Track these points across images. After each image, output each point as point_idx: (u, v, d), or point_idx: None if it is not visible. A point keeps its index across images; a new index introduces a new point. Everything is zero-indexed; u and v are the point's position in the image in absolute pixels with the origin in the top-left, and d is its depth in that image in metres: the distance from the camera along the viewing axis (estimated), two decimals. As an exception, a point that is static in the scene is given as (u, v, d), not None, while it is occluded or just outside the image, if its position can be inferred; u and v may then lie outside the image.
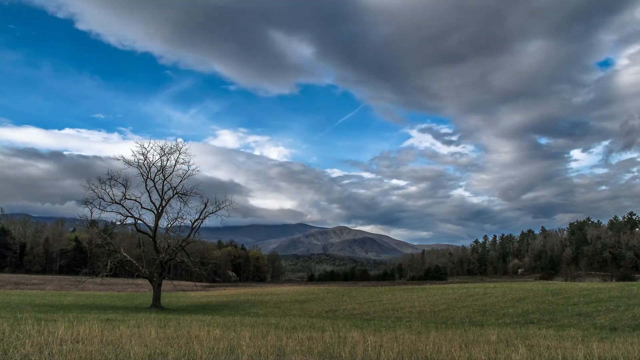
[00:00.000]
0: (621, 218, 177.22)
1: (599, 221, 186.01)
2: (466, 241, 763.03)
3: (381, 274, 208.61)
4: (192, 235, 37.95)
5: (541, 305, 28.84)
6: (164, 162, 36.73)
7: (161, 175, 36.85)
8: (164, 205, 36.89)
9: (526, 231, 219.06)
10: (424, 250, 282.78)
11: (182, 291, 77.44)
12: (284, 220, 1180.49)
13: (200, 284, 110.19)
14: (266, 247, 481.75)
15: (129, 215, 35.88)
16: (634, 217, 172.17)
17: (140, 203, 36.36)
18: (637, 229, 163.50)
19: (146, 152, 36.22)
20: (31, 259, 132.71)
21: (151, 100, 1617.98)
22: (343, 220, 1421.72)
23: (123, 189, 35.25)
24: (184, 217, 37.23)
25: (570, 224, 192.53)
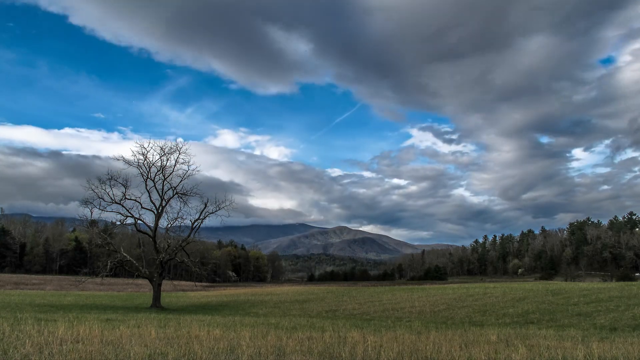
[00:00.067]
0: (621, 218, 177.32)
1: (599, 221, 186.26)
2: (467, 241, 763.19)
3: (381, 274, 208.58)
4: (192, 235, 37.95)
5: (541, 305, 28.85)
6: (164, 162, 36.78)
7: (161, 175, 36.89)
8: (164, 205, 36.91)
9: (526, 231, 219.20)
10: (424, 250, 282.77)
11: (182, 291, 77.45)
12: (284, 220, 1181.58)
13: (200, 284, 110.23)
14: (266, 247, 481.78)
15: (129, 215, 35.90)
16: (634, 217, 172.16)
17: (140, 203, 36.41)
18: (637, 229, 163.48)
19: (146, 152, 36.27)
20: (31, 259, 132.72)
21: (149, 99, 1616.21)
22: (343, 220, 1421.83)
23: (123, 189, 35.29)
24: (184, 217, 37.29)
25: (570, 224, 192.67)
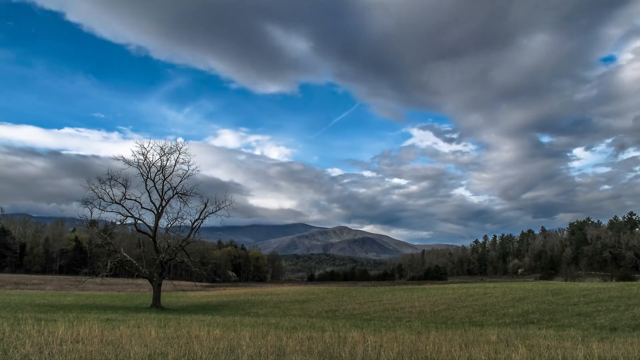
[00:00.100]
0: (621, 218, 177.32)
1: (599, 221, 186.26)
2: (467, 241, 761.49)
3: (381, 274, 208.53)
4: (192, 235, 37.93)
5: (541, 305, 28.84)
6: (164, 162, 36.76)
7: (161, 175, 36.87)
8: (164, 205, 36.90)
9: (526, 231, 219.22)
10: (424, 250, 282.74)
11: (182, 291, 77.44)
12: (284, 220, 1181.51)
13: (200, 284, 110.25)
14: (266, 247, 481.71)
15: (129, 215, 35.88)
16: (634, 217, 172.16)
17: (140, 203, 36.38)
18: (637, 229, 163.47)
19: (146, 152, 36.26)
20: (31, 259, 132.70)
21: (147, 98, 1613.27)
22: (343, 220, 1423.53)
23: (123, 189, 35.27)
24: (184, 217, 37.27)
25: (570, 224, 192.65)
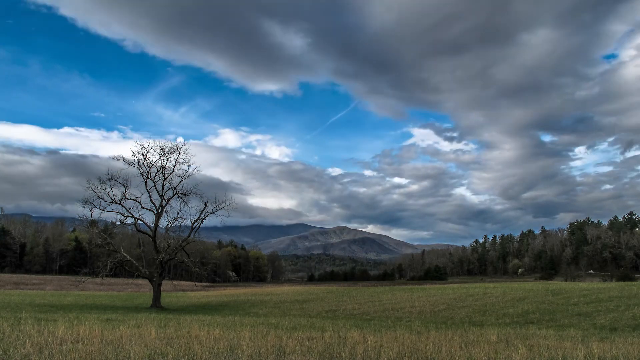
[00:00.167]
0: (621, 218, 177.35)
1: (599, 221, 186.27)
2: (467, 241, 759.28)
3: (381, 274, 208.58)
4: (192, 235, 37.94)
5: (541, 305, 28.84)
6: (164, 162, 36.77)
7: (161, 175, 36.87)
8: (164, 205, 36.90)
9: (526, 231, 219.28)
10: (424, 250, 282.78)
11: (182, 291, 77.44)
12: (284, 220, 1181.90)
13: (200, 284, 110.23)
14: (266, 247, 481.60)
15: (129, 215, 35.88)
16: (634, 217, 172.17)
17: (140, 203, 36.38)
18: (637, 229, 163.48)
19: (146, 152, 36.26)
20: (31, 259, 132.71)
21: (144, 97, 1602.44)
22: (343, 220, 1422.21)
23: (123, 188, 35.28)
24: (184, 217, 37.27)
25: (570, 224, 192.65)
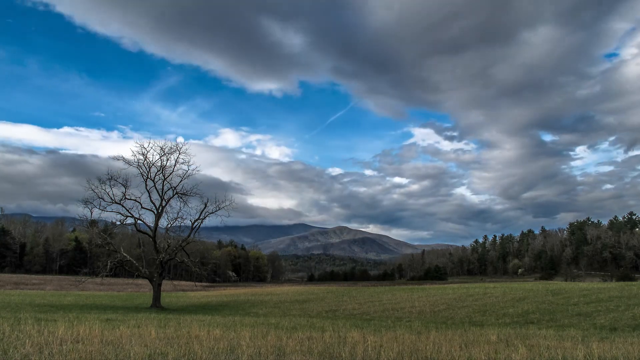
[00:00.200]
0: (621, 218, 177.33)
1: (599, 221, 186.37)
2: (468, 240, 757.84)
3: (381, 274, 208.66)
4: (192, 235, 37.94)
5: (541, 305, 28.84)
6: (164, 162, 36.77)
7: (161, 175, 36.87)
8: (164, 205, 36.90)
9: (526, 231, 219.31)
10: (424, 250, 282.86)
11: (182, 291, 77.44)
12: (284, 220, 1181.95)
13: (200, 284, 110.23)
14: (266, 247, 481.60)
15: (129, 215, 35.88)
16: (634, 217, 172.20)
17: (140, 203, 36.38)
18: (637, 229, 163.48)
19: (146, 152, 36.26)
20: (31, 259, 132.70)
21: (142, 97, 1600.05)
22: (343, 220, 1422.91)
23: (123, 188, 35.28)
24: (184, 217, 37.27)
25: (570, 224, 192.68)
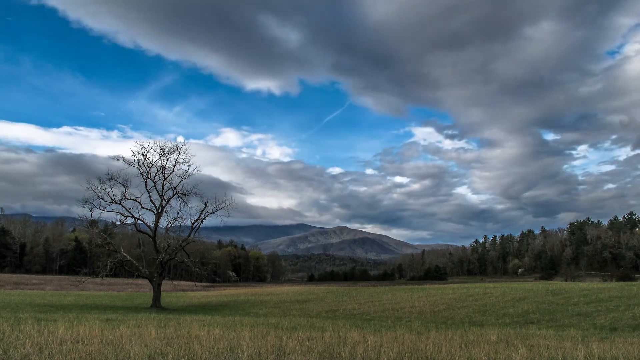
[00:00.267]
0: (621, 218, 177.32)
1: (599, 221, 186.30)
2: (468, 240, 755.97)
3: (381, 274, 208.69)
4: (192, 235, 37.94)
5: (541, 305, 28.83)
6: (164, 162, 36.76)
7: (161, 175, 36.87)
8: (164, 205, 36.89)
9: (526, 231, 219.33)
10: (424, 250, 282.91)
11: (182, 291, 77.43)
12: (284, 220, 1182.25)
13: (200, 284, 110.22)
14: (266, 247, 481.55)
15: (129, 215, 35.88)
16: (634, 217, 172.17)
17: (140, 203, 36.37)
18: (637, 229, 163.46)
19: (146, 152, 36.26)
20: (31, 259, 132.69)
21: (139, 96, 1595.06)
22: (343, 220, 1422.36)
23: (123, 188, 35.27)
24: (184, 217, 37.26)
25: (570, 224, 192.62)
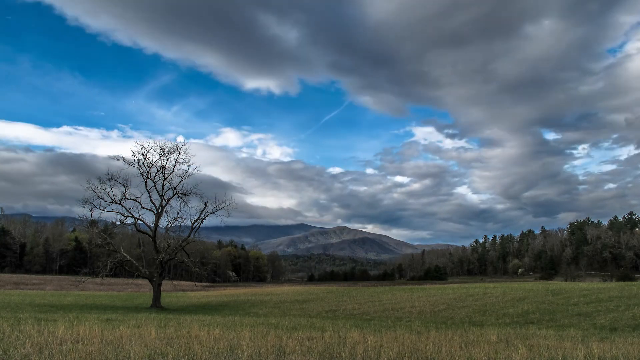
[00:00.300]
0: (621, 218, 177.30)
1: (599, 221, 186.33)
2: (468, 240, 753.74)
3: (381, 274, 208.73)
4: (192, 235, 37.93)
5: (541, 305, 28.83)
6: (164, 162, 36.76)
7: (161, 175, 36.86)
8: (164, 205, 36.89)
9: (526, 231, 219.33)
10: (424, 250, 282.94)
11: (182, 291, 77.43)
12: (284, 220, 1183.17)
13: (200, 284, 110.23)
14: (266, 247, 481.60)
15: (129, 215, 35.87)
16: (634, 217, 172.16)
17: (140, 203, 36.37)
18: (637, 229, 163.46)
19: (146, 152, 36.25)
20: (31, 259, 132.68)
21: (137, 96, 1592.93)
22: (343, 220, 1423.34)
23: (123, 188, 35.27)
24: (184, 217, 37.26)
25: (570, 224, 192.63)
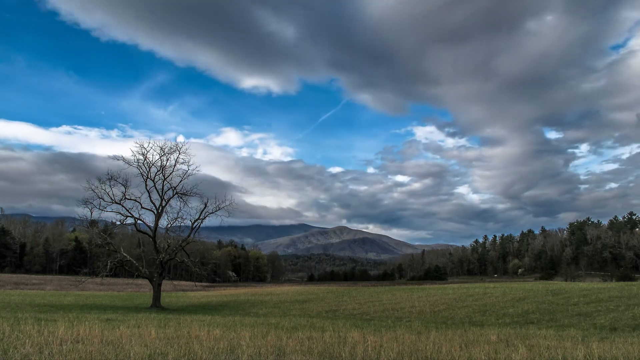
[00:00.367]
0: (621, 218, 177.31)
1: (599, 221, 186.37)
2: (468, 240, 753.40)
3: (381, 274, 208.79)
4: (192, 235, 37.93)
5: (541, 305, 28.83)
6: (164, 162, 36.76)
7: (161, 175, 36.86)
8: (164, 205, 36.89)
9: (526, 231, 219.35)
10: (424, 250, 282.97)
11: (182, 291, 77.44)
12: (284, 220, 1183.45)
13: (200, 284, 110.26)
14: (266, 247, 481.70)
15: (129, 215, 35.86)
16: (634, 217, 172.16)
17: (140, 203, 36.36)
18: (637, 229, 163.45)
19: (146, 152, 36.25)
20: (31, 259, 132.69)
21: (133, 95, 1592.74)
22: (343, 220, 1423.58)
23: (123, 188, 35.27)
24: (184, 217, 37.25)
25: (570, 224, 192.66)
